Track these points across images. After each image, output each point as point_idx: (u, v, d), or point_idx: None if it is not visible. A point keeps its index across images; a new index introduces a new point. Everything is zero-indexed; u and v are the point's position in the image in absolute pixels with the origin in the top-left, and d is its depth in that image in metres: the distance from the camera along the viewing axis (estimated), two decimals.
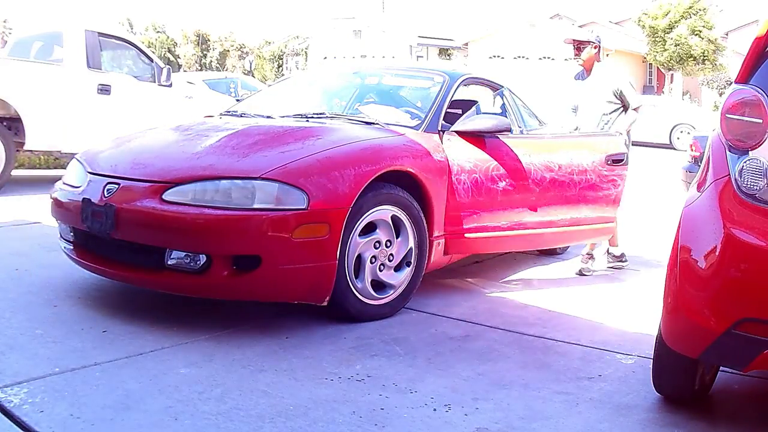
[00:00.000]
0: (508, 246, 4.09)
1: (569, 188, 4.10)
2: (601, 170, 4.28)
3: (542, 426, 2.22)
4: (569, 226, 4.20)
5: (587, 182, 4.20)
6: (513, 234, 3.89)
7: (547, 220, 4.05)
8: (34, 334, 2.73)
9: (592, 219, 4.31)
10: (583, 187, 4.18)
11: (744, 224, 1.97)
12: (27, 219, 4.97)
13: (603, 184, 4.31)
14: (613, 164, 4.36)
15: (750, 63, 2.11)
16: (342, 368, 2.59)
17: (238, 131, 3.41)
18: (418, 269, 3.35)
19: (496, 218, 3.76)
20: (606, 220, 4.40)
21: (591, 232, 4.36)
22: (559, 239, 4.34)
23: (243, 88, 12.55)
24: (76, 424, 2.03)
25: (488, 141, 3.75)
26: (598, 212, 4.33)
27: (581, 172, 4.16)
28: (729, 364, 2.20)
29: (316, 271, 2.89)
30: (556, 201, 4.06)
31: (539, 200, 3.97)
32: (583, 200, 4.20)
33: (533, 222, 3.97)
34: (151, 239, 2.89)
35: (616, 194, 4.42)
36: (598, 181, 4.27)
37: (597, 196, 4.29)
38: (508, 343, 3.01)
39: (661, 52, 28.99)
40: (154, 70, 7.47)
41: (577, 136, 4.44)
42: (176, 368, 2.48)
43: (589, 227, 4.31)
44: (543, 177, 3.95)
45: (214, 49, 47.11)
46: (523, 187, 3.87)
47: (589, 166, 4.21)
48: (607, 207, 4.38)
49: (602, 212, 4.35)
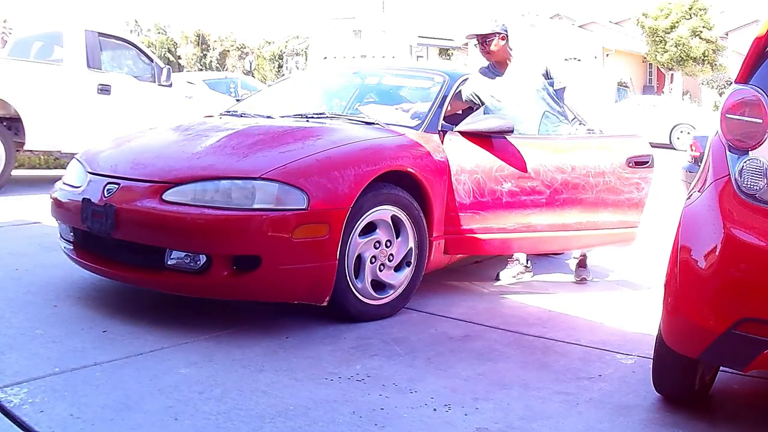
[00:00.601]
0: (515, 248, 3.96)
1: (584, 191, 3.90)
2: (622, 172, 4.04)
3: (542, 426, 2.22)
4: (584, 230, 4.00)
5: (605, 185, 3.98)
6: (520, 236, 3.77)
7: (560, 223, 3.88)
8: (34, 334, 2.73)
9: (611, 223, 4.09)
10: (600, 189, 3.97)
11: (744, 224, 1.97)
12: (27, 219, 4.97)
13: (624, 186, 4.06)
14: (636, 166, 4.11)
15: (750, 63, 2.11)
16: (342, 368, 2.59)
17: (238, 131, 3.41)
18: (418, 269, 3.35)
19: (500, 219, 3.66)
20: (627, 225, 4.16)
21: (609, 237, 4.15)
22: (572, 243, 4.13)
23: (243, 88, 12.56)
24: (76, 424, 2.03)
25: (494, 141, 3.65)
26: (619, 216, 4.11)
27: (598, 174, 3.94)
28: (729, 364, 2.20)
29: (316, 271, 2.89)
30: (568, 203, 3.88)
31: (549, 202, 3.81)
32: (601, 203, 4.00)
33: (543, 225, 3.82)
34: (151, 239, 2.89)
35: (640, 198, 4.15)
36: (618, 184, 4.04)
37: (617, 200, 4.07)
38: (508, 343, 3.01)
39: (661, 53, 29.00)
40: (154, 70, 7.48)
41: (593, 137, 4.20)
42: (176, 368, 2.48)
43: (607, 232, 4.10)
44: (554, 178, 3.78)
45: (214, 49, 47.12)
46: (531, 189, 3.73)
47: (607, 168, 3.98)
48: (629, 211, 4.13)
49: (623, 216, 4.12)
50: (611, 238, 4.15)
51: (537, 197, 3.76)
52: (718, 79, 28.45)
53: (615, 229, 4.11)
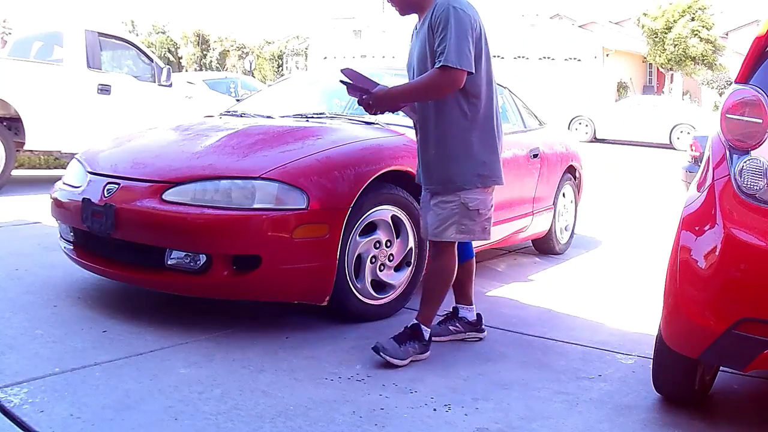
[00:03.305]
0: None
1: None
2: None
3: (542, 426, 2.22)
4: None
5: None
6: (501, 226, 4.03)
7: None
8: (34, 334, 2.73)
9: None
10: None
11: (744, 224, 1.97)
12: (27, 219, 4.97)
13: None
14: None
15: (750, 63, 2.11)
16: (342, 368, 2.59)
17: (238, 131, 3.41)
18: (418, 269, 3.35)
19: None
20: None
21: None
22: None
23: (243, 88, 12.57)
24: (76, 424, 2.02)
25: None
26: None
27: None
28: (729, 364, 2.20)
29: (316, 271, 2.89)
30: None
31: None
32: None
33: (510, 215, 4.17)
34: (151, 239, 2.89)
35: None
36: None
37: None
38: (508, 343, 3.01)
39: (660, 53, 28.99)
40: (154, 70, 7.48)
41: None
42: (176, 368, 2.48)
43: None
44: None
45: (214, 49, 47.09)
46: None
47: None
48: None
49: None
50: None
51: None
52: (718, 79, 28.46)
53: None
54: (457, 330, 3.00)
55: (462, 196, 2.66)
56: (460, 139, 2.64)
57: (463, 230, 2.69)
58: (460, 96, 2.61)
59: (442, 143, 2.66)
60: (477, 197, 2.68)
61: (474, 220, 2.69)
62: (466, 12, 2.55)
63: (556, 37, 30.63)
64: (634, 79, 32.38)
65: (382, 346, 2.63)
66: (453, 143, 2.65)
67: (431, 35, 2.58)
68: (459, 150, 2.64)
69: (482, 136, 2.66)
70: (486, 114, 2.68)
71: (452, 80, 2.52)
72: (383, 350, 2.63)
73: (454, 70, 2.49)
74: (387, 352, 2.63)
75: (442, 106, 2.64)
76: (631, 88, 31.06)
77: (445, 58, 2.49)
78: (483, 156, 2.66)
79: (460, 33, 2.51)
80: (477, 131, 2.65)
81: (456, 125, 2.64)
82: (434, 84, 2.55)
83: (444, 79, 2.52)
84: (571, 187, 5.13)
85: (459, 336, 2.99)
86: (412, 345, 2.69)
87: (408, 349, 2.67)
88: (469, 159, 2.65)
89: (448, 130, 2.65)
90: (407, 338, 2.70)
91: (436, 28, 2.55)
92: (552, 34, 30.93)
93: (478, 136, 2.66)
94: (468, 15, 2.55)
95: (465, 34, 2.52)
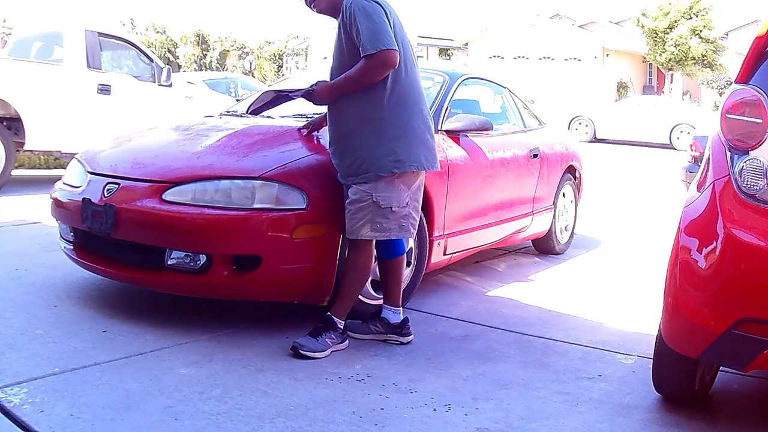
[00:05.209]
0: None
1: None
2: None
3: (542, 426, 2.22)
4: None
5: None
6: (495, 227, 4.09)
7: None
8: (34, 334, 2.73)
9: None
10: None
11: (744, 224, 1.97)
12: (27, 219, 4.97)
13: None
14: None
15: (750, 63, 2.11)
16: (342, 368, 2.59)
17: (238, 131, 3.41)
18: (418, 269, 3.35)
19: (483, 215, 3.92)
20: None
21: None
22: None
23: (243, 88, 12.56)
24: (76, 424, 2.03)
25: (462, 140, 3.75)
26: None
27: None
28: (729, 364, 2.20)
29: (316, 271, 2.89)
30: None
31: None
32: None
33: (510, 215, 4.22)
34: (151, 239, 2.89)
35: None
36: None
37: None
38: (508, 343, 3.01)
39: (660, 53, 28.99)
40: (154, 70, 7.47)
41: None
42: (176, 368, 2.48)
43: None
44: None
45: (214, 49, 47.06)
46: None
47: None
48: None
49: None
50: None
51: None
52: (718, 79, 28.45)
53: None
54: (377, 330, 2.95)
55: (374, 195, 2.69)
56: (372, 125, 2.68)
57: (377, 228, 2.72)
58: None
59: (354, 131, 2.72)
60: (389, 194, 2.70)
61: (388, 218, 2.72)
62: (370, 1, 2.64)
63: (556, 37, 30.65)
64: (634, 79, 32.39)
65: (299, 344, 2.68)
66: (365, 130, 2.69)
67: (344, 33, 2.69)
68: (369, 137, 2.68)
69: (395, 122, 2.69)
70: (402, 98, 2.71)
71: (380, 64, 2.61)
72: (301, 347, 2.66)
73: (376, 54, 2.58)
74: (305, 347, 2.67)
75: (351, 95, 2.71)
76: (631, 88, 31.07)
77: (363, 49, 2.61)
78: (395, 141, 2.68)
79: (370, 18, 2.60)
80: (390, 116, 2.68)
81: (366, 112, 2.69)
82: (366, 72, 2.65)
83: (371, 65, 2.62)
84: (571, 187, 5.13)
85: (380, 337, 2.94)
86: (329, 335, 2.73)
87: (326, 341, 2.72)
88: (381, 143, 2.67)
89: (358, 118, 2.71)
90: (321, 331, 2.74)
91: (349, 27, 2.65)
92: (552, 34, 30.96)
93: (392, 121, 2.68)
94: (374, 3, 2.64)
95: (374, 17, 2.61)
